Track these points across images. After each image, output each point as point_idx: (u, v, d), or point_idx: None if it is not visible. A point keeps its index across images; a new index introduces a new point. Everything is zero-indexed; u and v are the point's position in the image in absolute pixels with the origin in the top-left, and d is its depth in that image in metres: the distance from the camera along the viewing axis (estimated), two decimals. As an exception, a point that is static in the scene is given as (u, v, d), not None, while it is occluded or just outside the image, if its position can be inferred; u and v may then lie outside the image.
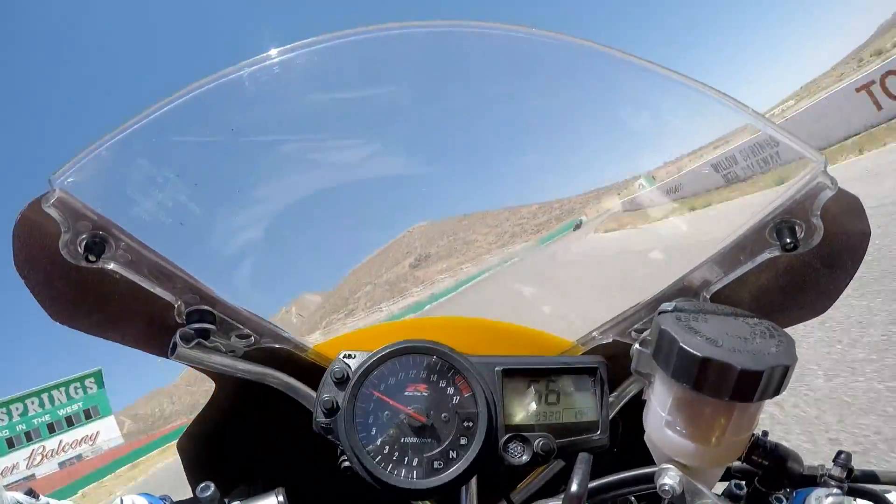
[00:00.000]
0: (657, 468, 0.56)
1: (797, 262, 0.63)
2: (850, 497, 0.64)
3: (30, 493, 0.57)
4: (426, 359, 0.67)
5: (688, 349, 0.49)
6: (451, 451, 0.64)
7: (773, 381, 0.48)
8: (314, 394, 0.69)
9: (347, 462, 0.65)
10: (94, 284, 0.62)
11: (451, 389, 0.66)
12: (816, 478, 0.66)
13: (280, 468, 0.83)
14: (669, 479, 0.54)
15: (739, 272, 0.64)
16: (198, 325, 0.66)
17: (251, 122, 0.73)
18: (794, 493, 0.66)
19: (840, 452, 0.65)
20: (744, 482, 0.69)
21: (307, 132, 0.80)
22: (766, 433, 0.67)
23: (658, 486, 0.54)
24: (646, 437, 0.59)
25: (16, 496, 0.54)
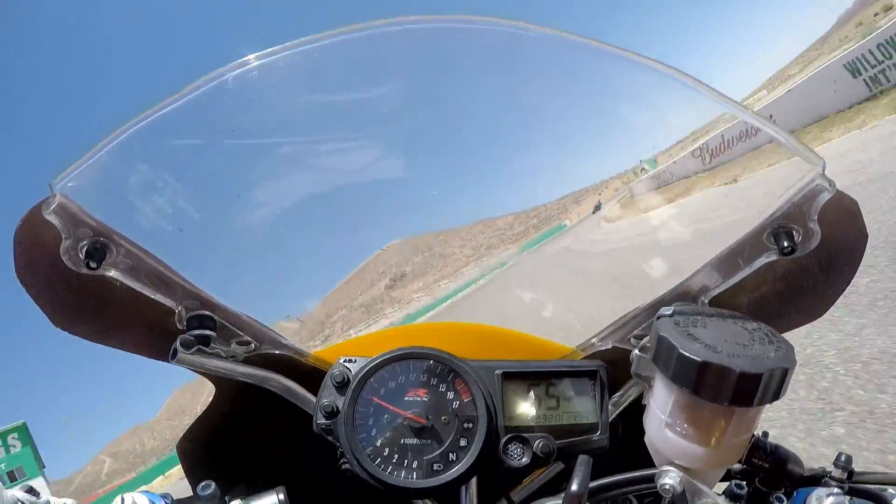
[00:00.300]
0: (658, 469, 0.56)
1: (795, 267, 0.63)
2: (851, 497, 0.64)
3: (30, 492, 0.57)
4: (426, 363, 0.68)
5: (687, 355, 0.49)
6: (451, 453, 0.64)
7: (772, 386, 0.48)
8: (314, 398, 0.69)
9: (347, 464, 0.65)
10: (95, 291, 0.62)
11: (451, 394, 0.67)
12: (817, 478, 0.66)
13: (280, 470, 0.83)
14: (670, 479, 0.54)
15: (737, 277, 0.63)
16: (198, 332, 0.66)
17: (241, 125, 0.70)
18: (795, 493, 0.66)
19: (841, 454, 0.65)
20: (744, 482, 0.69)
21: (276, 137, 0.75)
22: (767, 434, 0.67)
23: (659, 486, 0.54)
24: (646, 440, 0.60)
25: (17, 495, 0.54)
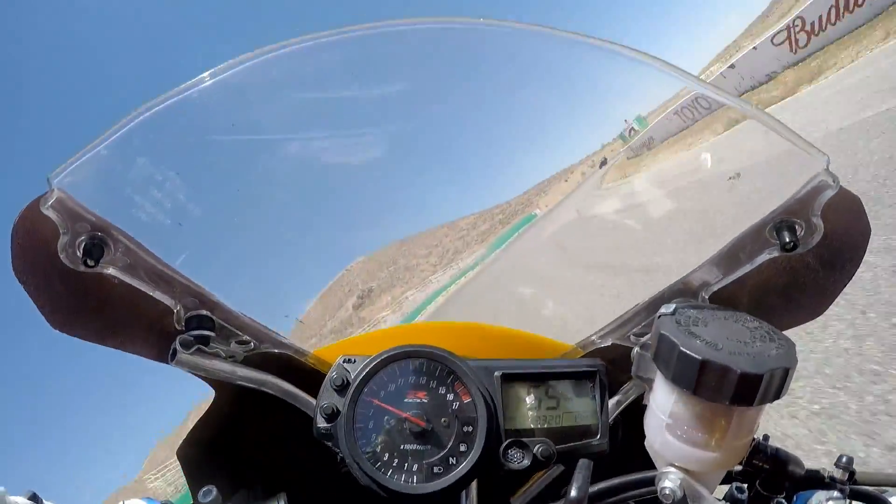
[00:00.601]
0: (658, 472, 0.56)
1: (796, 263, 0.63)
2: (851, 500, 0.63)
3: (33, 499, 0.57)
4: (425, 364, 0.67)
5: (687, 353, 0.49)
6: (451, 457, 0.63)
7: (774, 385, 0.47)
8: (314, 400, 0.68)
9: (347, 468, 0.64)
10: (93, 289, 0.61)
11: (451, 396, 0.66)
12: (818, 480, 0.66)
13: (280, 474, 0.83)
14: (670, 483, 0.54)
15: (739, 273, 0.63)
16: (197, 332, 0.65)
17: (232, 125, 0.69)
18: (796, 496, 0.66)
19: (842, 455, 0.65)
20: (745, 485, 0.69)
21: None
22: (767, 437, 0.67)
23: (659, 490, 0.54)
24: (646, 443, 0.59)
25: (18, 501, 0.54)
